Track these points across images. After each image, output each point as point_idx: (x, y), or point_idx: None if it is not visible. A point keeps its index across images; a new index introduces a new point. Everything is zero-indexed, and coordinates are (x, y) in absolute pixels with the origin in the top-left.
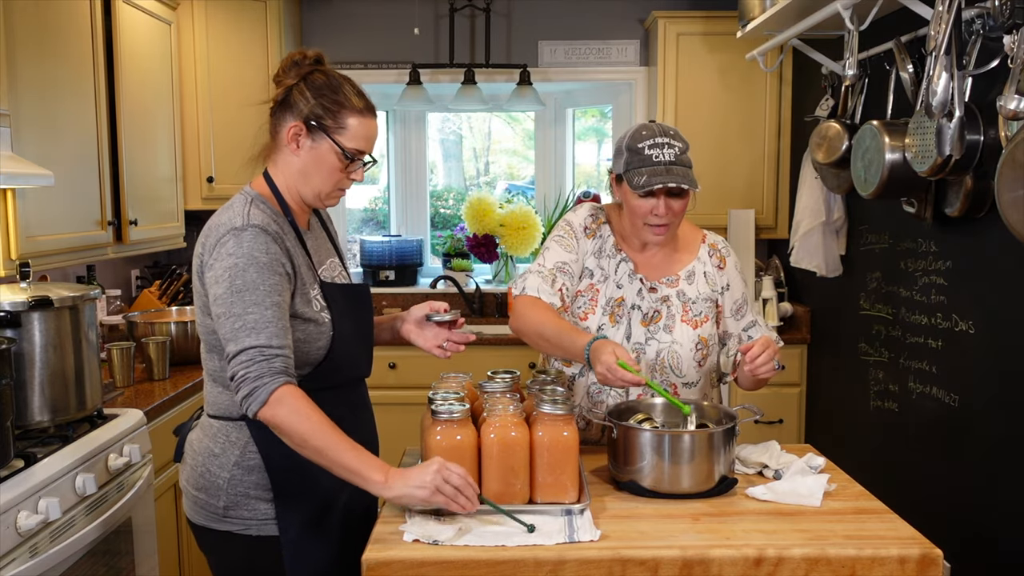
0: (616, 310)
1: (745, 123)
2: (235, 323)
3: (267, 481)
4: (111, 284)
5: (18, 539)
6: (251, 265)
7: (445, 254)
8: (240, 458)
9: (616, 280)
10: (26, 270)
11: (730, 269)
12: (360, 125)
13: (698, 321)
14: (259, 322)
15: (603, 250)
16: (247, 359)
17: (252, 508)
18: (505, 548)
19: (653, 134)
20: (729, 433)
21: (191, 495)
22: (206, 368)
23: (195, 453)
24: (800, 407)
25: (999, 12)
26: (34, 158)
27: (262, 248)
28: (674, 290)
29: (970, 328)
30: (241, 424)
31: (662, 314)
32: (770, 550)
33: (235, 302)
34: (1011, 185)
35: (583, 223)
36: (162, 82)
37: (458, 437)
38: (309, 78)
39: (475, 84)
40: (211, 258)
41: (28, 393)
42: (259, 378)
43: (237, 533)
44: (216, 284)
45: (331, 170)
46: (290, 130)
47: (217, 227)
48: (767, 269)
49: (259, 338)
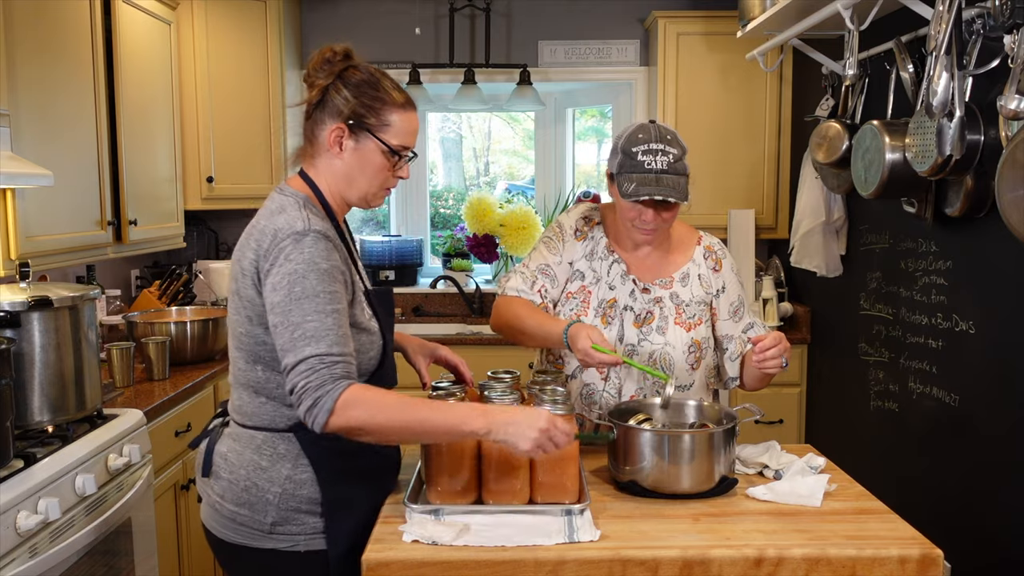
0: (608, 311)
1: (745, 123)
2: (293, 332)
3: (318, 494)
4: (111, 284)
5: (18, 539)
6: (311, 272)
7: (445, 254)
8: (292, 471)
9: (608, 282)
10: (26, 270)
11: (726, 272)
12: (403, 120)
13: (691, 324)
14: (319, 330)
15: (595, 252)
16: (307, 369)
17: (301, 523)
18: (505, 548)
19: (648, 139)
20: (729, 433)
21: (228, 512)
22: (245, 379)
23: (234, 466)
24: (800, 407)
25: (999, 12)
26: (34, 158)
27: (323, 254)
28: (667, 292)
29: (970, 328)
30: (289, 436)
31: (655, 315)
32: (770, 550)
33: (293, 310)
34: (1012, 185)
35: (574, 225)
36: (162, 82)
37: None
38: (344, 75)
39: (475, 84)
40: (269, 264)
41: (28, 393)
42: (320, 387)
43: (284, 551)
44: (274, 291)
45: (377, 170)
46: (331, 133)
47: (275, 231)
48: (767, 269)
49: (319, 346)
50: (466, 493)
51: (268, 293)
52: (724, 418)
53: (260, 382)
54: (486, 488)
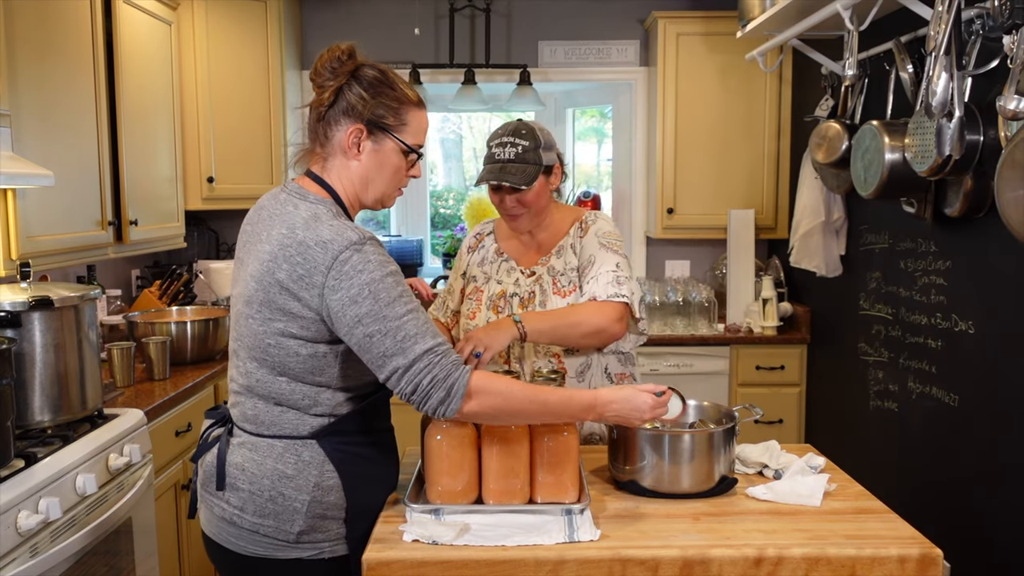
0: (498, 302)
1: (745, 123)
2: (396, 336)
3: (343, 500)
4: (111, 284)
5: (18, 539)
6: (388, 276)
7: (445, 254)
8: (319, 478)
9: (496, 278)
10: (26, 270)
11: (589, 236)
12: (418, 119)
13: (567, 291)
14: (419, 327)
15: (485, 259)
16: (426, 364)
17: (326, 529)
18: (505, 548)
19: (503, 132)
20: (729, 433)
21: (249, 524)
22: (264, 390)
23: (255, 477)
24: (800, 407)
25: (999, 12)
26: (34, 158)
27: (386, 258)
28: (544, 268)
29: (970, 328)
30: (312, 443)
31: (536, 293)
32: (770, 550)
33: (387, 316)
34: (1011, 185)
35: (468, 244)
36: (162, 82)
37: (458, 437)
38: (358, 75)
39: (475, 84)
40: (335, 279)
41: (28, 393)
42: (448, 376)
43: (309, 559)
44: (356, 304)
45: (395, 170)
46: (350, 135)
47: (323, 244)
48: (767, 269)
49: (427, 342)
50: (466, 493)
51: (346, 308)
52: (724, 418)
53: (284, 393)
54: (486, 488)
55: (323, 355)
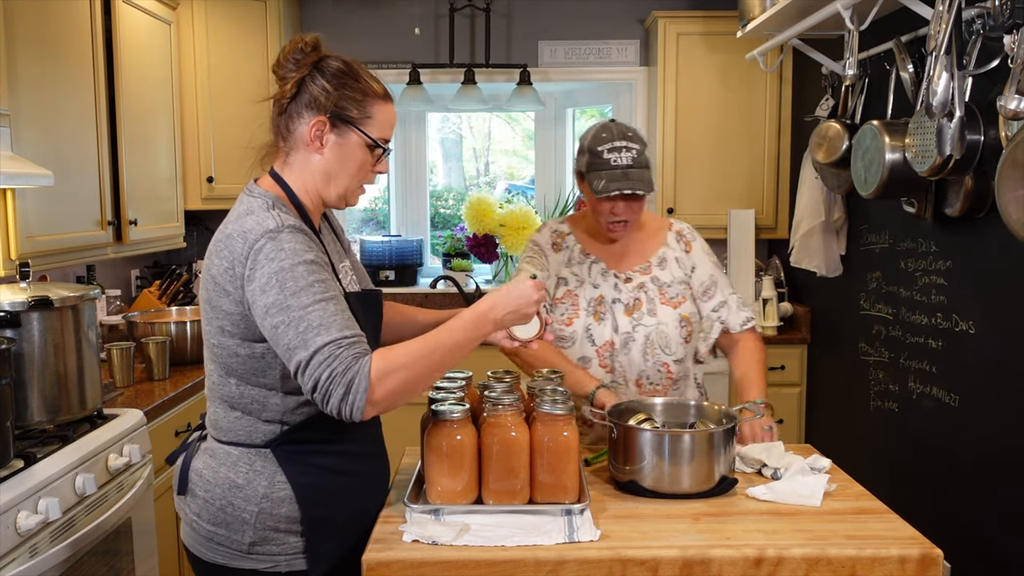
0: (598, 308)
1: (745, 123)
2: (298, 327)
3: (297, 513)
4: (111, 284)
5: (18, 539)
6: (299, 264)
7: (445, 254)
8: (268, 489)
9: (591, 281)
10: (26, 270)
11: (696, 252)
12: (384, 112)
13: (677, 302)
14: (324, 318)
15: (572, 259)
16: (325, 358)
17: (281, 542)
18: (505, 548)
19: (612, 137)
20: (729, 433)
21: (205, 531)
22: (220, 392)
23: (209, 484)
24: (800, 407)
25: (999, 12)
26: (34, 158)
27: (304, 246)
28: (648, 277)
29: (970, 328)
30: (266, 452)
31: (642, 301)
32: (770, 550)
33: (292, 306)
34: (1012, 185)
35: (549, 240)
36: (162, 82)
37: (458, 437)
38: (321, 66)
39: (475, 84)
40: (249, 268)
41: (28, 393)
42: (347, 370)
43: (264, 571)
44: (264, 293)
45: (360, 165)
46: (312, 127)
47: (244, 234)
48: (767, 269)
49: (330, 333)
50: (466, 493)
51: (256, 297)
52: (724, 418)
53: (234, 396)
54: (486, 488)
55: (260, 355)
